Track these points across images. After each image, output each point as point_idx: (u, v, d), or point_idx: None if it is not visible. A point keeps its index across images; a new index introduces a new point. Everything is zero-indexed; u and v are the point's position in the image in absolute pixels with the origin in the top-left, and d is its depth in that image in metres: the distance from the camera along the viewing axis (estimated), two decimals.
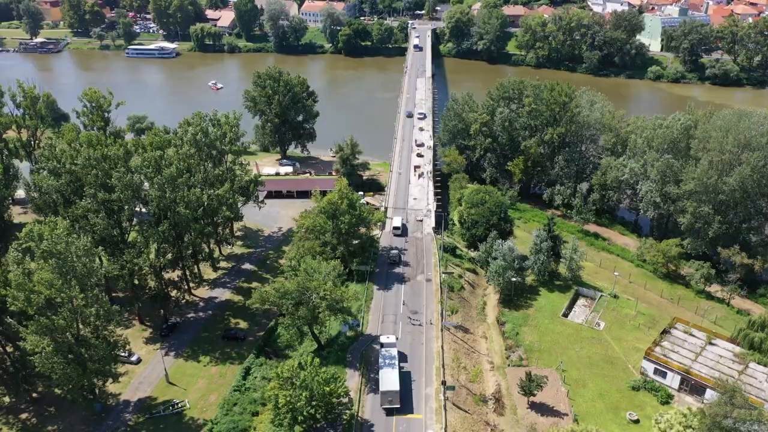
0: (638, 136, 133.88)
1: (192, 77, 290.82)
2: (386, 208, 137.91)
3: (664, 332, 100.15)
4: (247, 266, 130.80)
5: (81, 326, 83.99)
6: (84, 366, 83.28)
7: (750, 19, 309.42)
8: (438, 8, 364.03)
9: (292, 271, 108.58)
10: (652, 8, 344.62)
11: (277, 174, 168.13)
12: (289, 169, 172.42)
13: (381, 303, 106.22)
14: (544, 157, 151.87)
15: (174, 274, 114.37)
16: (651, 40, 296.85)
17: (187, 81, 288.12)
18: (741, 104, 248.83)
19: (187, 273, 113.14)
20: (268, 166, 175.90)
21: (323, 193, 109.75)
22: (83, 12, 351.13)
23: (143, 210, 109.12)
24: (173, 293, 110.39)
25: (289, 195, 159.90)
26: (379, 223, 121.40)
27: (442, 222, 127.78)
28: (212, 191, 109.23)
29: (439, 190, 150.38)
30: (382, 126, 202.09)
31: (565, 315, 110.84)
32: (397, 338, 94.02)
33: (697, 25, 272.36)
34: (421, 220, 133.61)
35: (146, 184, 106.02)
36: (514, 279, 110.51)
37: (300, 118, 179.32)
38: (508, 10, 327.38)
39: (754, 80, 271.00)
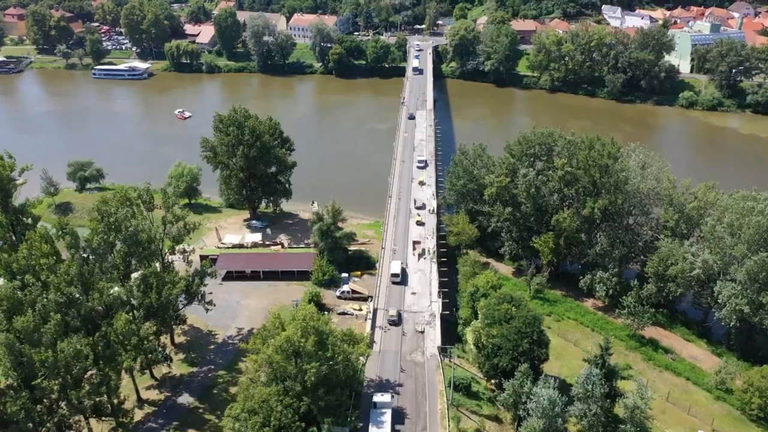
0: (716, 220, 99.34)
1: (161, 103, 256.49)
2: (375, 310, 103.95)
3: None
4: (185, 399, 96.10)
5: None
6: None
7: None
8: (440, 22, 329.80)
9: None
10: (675, 22, 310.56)
11: (241, 246, 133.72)
12: (258, 237, 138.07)
13: None
14: (581, 231, 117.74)
15: None
16: (680, 60, 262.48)
17: (156, 107, 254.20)
18: None
19: None
20: (231, 231, 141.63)
21: (309, 279, 75.36)
22: (48, 27, 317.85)
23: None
24: None
25: (255, 276, 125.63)
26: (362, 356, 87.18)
27: (450, 352, 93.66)
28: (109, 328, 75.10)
29: (446, 278, 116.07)
30: (374, 167, 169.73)
31: None
32: (392, 396, 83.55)
33: (737, 45, 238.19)
34: (422, 331, 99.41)
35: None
36: None
37: (273, 169, 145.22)
38: (518, 25, 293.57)
39: None
